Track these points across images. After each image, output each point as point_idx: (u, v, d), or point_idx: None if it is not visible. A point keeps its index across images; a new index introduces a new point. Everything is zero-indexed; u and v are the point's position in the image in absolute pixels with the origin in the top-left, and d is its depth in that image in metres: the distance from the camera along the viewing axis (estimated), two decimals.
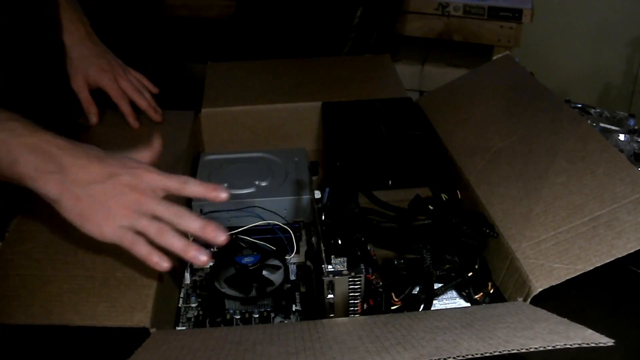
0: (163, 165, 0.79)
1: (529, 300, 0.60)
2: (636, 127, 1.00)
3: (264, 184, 0.82)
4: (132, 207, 0.57)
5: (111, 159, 0.59)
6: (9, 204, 0.72)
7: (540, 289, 0.59)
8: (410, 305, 0.66)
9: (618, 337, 0.67)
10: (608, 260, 0.59)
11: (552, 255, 0.61)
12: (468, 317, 0.56)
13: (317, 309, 0.63)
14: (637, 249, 0.58)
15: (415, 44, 1.79)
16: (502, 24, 1.64)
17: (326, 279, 0.58)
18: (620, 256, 0.58)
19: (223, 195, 0.59)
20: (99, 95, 0.92)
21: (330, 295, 0.59)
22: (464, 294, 0.70)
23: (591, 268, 0.59)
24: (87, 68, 0.89)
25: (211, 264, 0.72)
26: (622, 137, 0.97)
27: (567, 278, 0.59)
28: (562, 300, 0.72)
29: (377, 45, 1.43)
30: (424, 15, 1.68)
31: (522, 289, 0.61)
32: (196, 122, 0.94)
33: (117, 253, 0.64)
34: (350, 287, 0.59)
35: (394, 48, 1.70)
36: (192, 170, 0.86)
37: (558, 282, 0.59)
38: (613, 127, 0.99)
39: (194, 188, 0.60)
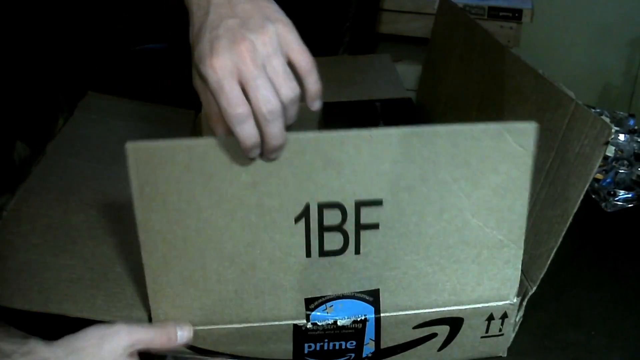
0: None
1: (526, 301, 0.60)
2: (636, 127, 1.00)
3: None
4: None
5: None
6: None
7: (535, 287, 0.59)
8: None
9: (618, 337, 0.67)
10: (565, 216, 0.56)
11: (530, 242, 0.59)
12: None
13: None
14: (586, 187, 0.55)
15: (415, 44, 1.79)
16: (502, 24, 1.64)
17: None
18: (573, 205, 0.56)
19: None
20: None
21: None
22: None
23: (560, 238, 0.56)
24: None
25: None
26: (622, 137, 0.97)
27: (548, 261, 0.57)
28: (562, 300, 0.72)
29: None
30: (424, 15, 1.68)
31: (520, 289, 0.61)
32: (196, 122, 0.94)
33: (116, 247, 0.64)
34: None
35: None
36: None
37: (544, 270, 0.58)
38: (613, 127, 0.99)
39: None
